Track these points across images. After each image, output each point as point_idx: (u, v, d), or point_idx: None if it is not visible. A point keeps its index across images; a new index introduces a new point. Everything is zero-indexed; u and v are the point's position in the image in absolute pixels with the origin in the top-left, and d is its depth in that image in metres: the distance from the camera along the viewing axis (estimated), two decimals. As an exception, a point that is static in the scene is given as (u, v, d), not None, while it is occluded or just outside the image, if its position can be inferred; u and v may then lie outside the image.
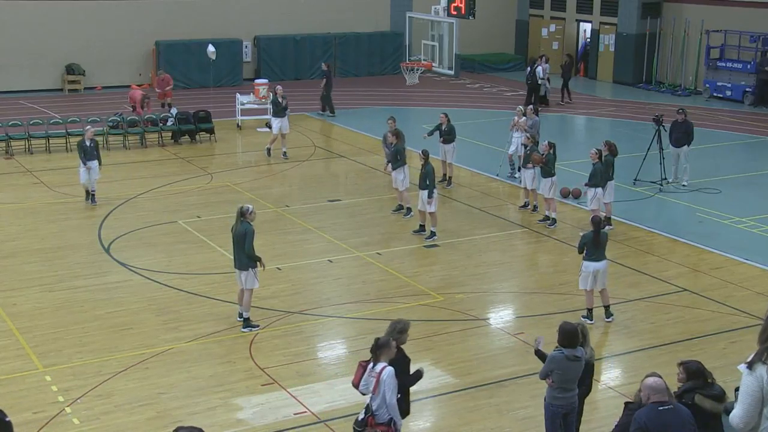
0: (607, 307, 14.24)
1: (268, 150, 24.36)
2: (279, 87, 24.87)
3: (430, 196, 17.62)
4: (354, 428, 9.45)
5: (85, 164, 19.64)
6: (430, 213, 17.89)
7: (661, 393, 8.01)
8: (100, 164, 19.99)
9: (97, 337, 13.51)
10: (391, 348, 9.30)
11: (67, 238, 18.02)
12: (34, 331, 13.63)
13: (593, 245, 13.95)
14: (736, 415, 6.82)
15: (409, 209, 19.16)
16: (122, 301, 14.84)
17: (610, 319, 14.20)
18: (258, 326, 13.81)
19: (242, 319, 13.91)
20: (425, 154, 17.85)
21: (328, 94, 29.82)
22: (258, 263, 13.62)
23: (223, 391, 11.95)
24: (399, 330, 9.72)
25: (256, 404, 11.66)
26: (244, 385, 12.14)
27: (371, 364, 9.30)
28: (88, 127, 21.05)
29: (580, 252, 14.11)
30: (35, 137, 24.97)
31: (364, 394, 9.47)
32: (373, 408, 9.25)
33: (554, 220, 18.84)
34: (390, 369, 9.17)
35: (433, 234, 17.88)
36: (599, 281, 14.05)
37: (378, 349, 9.27)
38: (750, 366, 6.71)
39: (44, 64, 32.98)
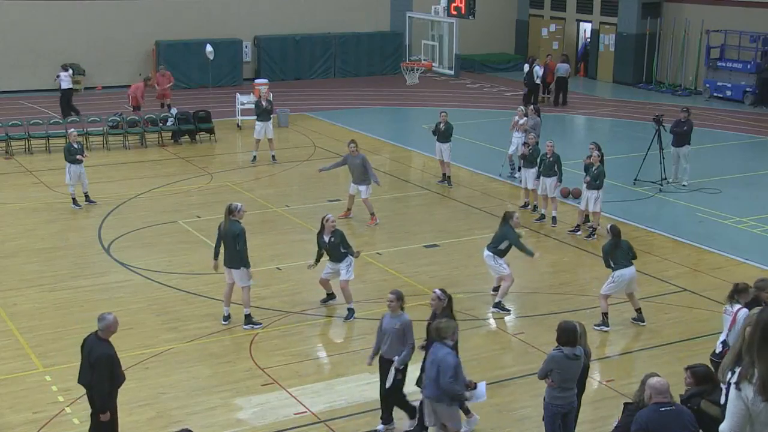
0: (639, 310, 14.13)
1: (254, 157, 23.99)
2: (263, 89, 24.65)
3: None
4: (711, 359, 10.56)
5: (78, 163, 19.53)
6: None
7: (663, 394, 8.00)
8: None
9: (97, 337, 13.50)
10: (748, 293, 10.82)
11: (67, 238, 18.02)
12: (34, 331, 13.63)
13: (618, 253, 13.81)
14: (724, 429, 6.86)
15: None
16: (122, 301, 14.83)
17: (644, 323, 14.04)
18: (260, 324, 13.82)
19: (227, 318, 13.97)
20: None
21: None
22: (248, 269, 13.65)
23: (223, 391, 11.95)
24: (758, 287, 10.95)
25: (256, 404, 11.66)
26: (244, 385, 12.14)
27: (728, 305, 10.86)
28: (72, 130, 21.03)
29: (608, 266, 13.95)
30: (35, 137, 24.99)
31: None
32: (730, 342, 10.34)
33: (555, 219, 18.92)
34: (744, 310, 10.45)
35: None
36: (632, 286, 14.01)
37: (736, 293, 10.86)
38: (737, 385, 6.68)
39: (44, 64, 32.97)
